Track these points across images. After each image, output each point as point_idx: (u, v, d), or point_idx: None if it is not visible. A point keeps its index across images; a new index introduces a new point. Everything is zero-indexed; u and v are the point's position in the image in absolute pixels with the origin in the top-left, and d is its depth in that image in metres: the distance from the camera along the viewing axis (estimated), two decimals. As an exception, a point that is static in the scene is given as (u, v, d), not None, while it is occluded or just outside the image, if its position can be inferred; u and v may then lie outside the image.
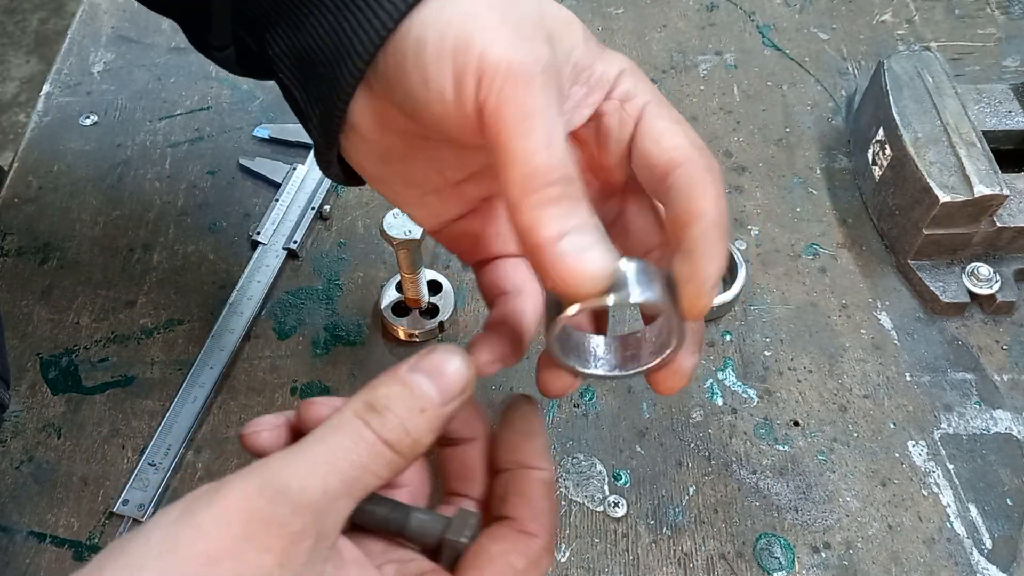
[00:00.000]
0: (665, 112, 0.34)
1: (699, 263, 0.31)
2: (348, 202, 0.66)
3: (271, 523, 0.26)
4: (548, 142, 0.29)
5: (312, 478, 0.27)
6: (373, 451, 0.28)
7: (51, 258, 0.63)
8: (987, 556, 0.49)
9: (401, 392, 0.30)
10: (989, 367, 0.57)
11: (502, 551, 0.31)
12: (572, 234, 0.28)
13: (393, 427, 0.29)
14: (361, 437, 0.28)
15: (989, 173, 0.56)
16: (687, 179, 0.32)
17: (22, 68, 2.15)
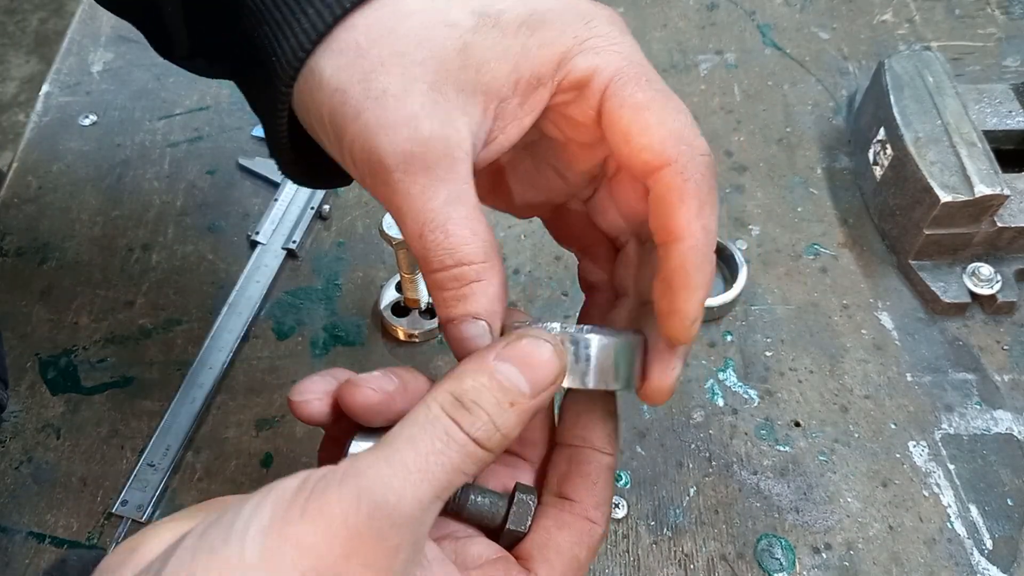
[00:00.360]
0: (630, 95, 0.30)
1: (678, 296, 0.30)
2: (347, 202, 0.66)
3: (372, 539, 0.25)
4: (419, 233, 0.29)
5: (407, 489, 0.26)
6: (464, 452, 0.27)
7: (50, 258, 0.63)
8: (988, 556, 0.49)
9: (490, 384, 0.28)
10: (990, 367, 0.57)
11: (568, 543, 0.32)
12: (456, 324, 0.30)
13: (483, 424, 0.27)
14: (452, 439, 0.27)
15: (990, 173, 0.56)
16: (663, 192, 0.29)
17: (22, 68, 2.15)
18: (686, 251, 0.29)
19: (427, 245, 0.29)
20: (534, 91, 0.30)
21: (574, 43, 0.30)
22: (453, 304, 0.30)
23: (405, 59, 0.29)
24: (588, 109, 0.31)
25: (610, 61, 0.30)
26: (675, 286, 0.29)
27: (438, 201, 0.29)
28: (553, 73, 0.30)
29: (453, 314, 0.30)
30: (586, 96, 0.31)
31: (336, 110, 0.30)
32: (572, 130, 0.33)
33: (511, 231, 0.63)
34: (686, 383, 0.56)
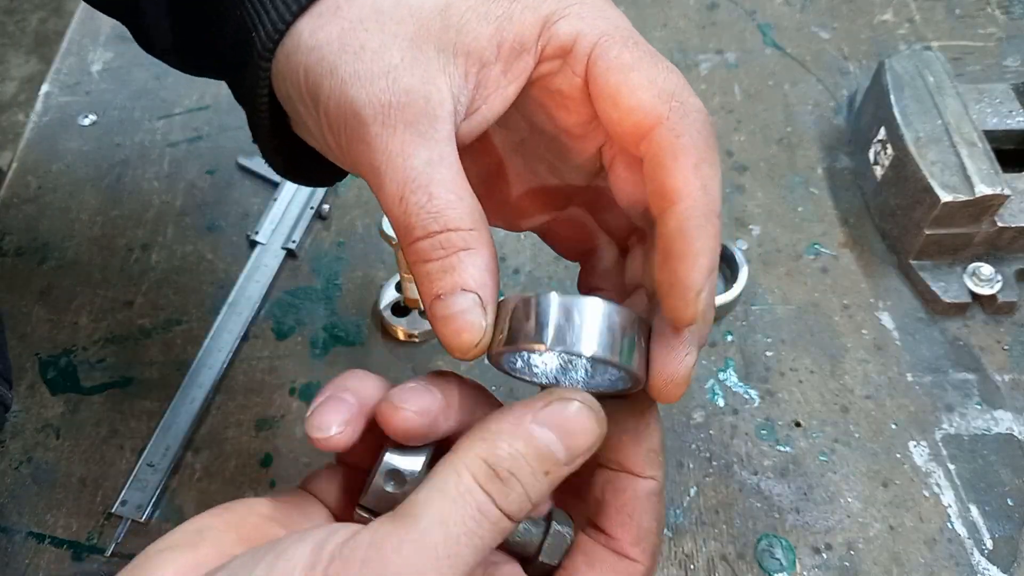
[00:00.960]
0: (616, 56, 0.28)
1: (679, 264, 0.26)
2: (347, 202, 0.66)
3: None
4: (400, 195, 0.27)
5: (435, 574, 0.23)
6: (496, 529, 0.25)
7: (50, 258, 0.63)
8: (988, 556, 0.49)
9: (527, 452, 0.26)
10: (990, 367, 0.57)
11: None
12: (445, 298, 0.27)
13: (518, 496, 0.25)
14: (485, 517, 0.25)
15: (990, 173, 0.56)
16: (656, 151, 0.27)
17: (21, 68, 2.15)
18: (683, 212, 0.26)
19: (408, 209, 0.27)
20: (517, 57, 0.28)
21: (558, 7, 0.28)
22: (439, 276, 0.27)
23: (384, 16, 0.28)
24: (574, 77, 0.29)
25: (595, 25, 0.28)
26: (674, 253, 0.26)
27: (419, 160, 0.27)
28: (536, 38, 0.28)
29: (440, 287, 0.27)
30: (571, 63, 0.29)
31: (312, 68, 0.28)
32: (561, 112, 0.31)
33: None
34: (686, 383, 0.56)
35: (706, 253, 0.26)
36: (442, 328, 0.27)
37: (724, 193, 0.65)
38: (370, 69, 0.27)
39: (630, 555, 0.28)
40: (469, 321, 0.27)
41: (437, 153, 0.27)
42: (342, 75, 0.27)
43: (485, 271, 0.27)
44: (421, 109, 0.27)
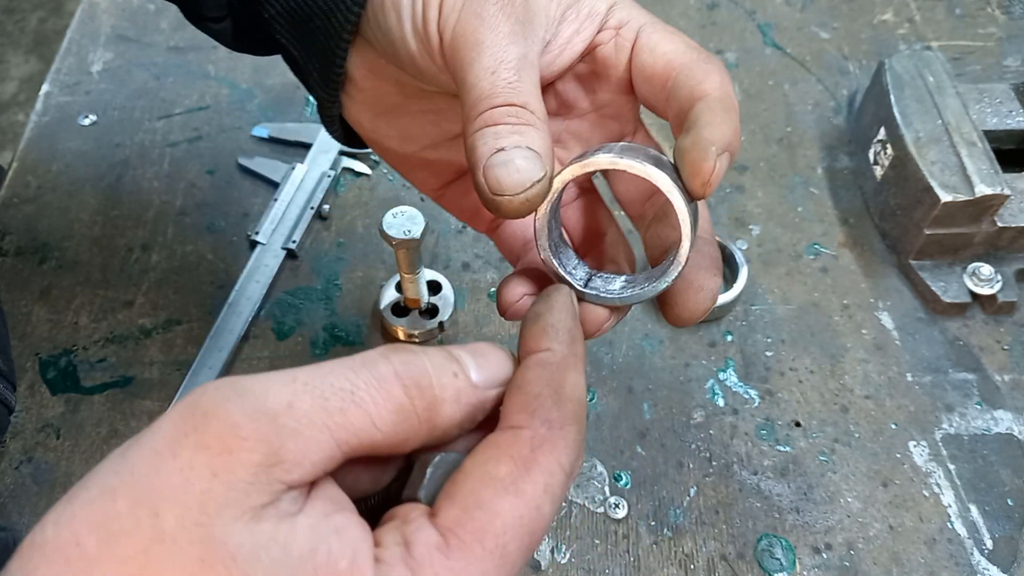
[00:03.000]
0: (660, 27, 0.33)
1: (701, 131, 0.29)
2: (347, 202, 0.66)
3: (213, 421, 0.22)
4: (494, 69, 0.29)
5: (281, 390, 0.23)
6: (374, 383, 0.24)
7: (50, 258, 0.63)
8: (988, 556, 0.49)
9: (439, 352, 0.26)
10: (990, 367, 0.57)
11: (476, 463, 0.25)
12: (508, 150, 0.28)
13: (413, 369, 0.25)
14: (364, 365, 0.24)
15: (990, 173, 0.56)
16: (687, 72, 0.31)
17: (21, 68, 2.15)
18: (709, 98, 0.30)
19: (497, 81, 0.29)
20: (588, 22, 0.33)
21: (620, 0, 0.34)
22: (507, 135, 0.28)
23: None
24: (624, 43, 0.33)
25: (641, 14, 0.34)
26: (699, 123, 0.29)
27: (518, 51, 0.30)
28: (604, 13, 0.33)
29: (506, 143, 0.28)
30: (623, 33, 0.33)
31: None
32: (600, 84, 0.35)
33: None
34: (686, 383, 0.56)
35: (727, 125, 0.29)
36: (499, 171, 0.28)
37: (724, 193, 0.65)
38: None
39: (514, 423, 0.26)
40: (530, 163, 0.28)
41: (530, 58, 0.31)
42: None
43: (549, 144, 0.29)
44: (530, 17, 0.31)
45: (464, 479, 0.24)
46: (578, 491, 0.52)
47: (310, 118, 0.71)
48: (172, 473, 0.22)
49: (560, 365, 0.27)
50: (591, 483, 0.52)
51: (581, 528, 0.50)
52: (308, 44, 0.37)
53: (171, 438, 0.23)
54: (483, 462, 0.25)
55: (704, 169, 0.29)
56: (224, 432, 0.22)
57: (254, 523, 0.22)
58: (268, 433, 0.22)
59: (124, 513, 0.22)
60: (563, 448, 0.25)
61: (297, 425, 0.23)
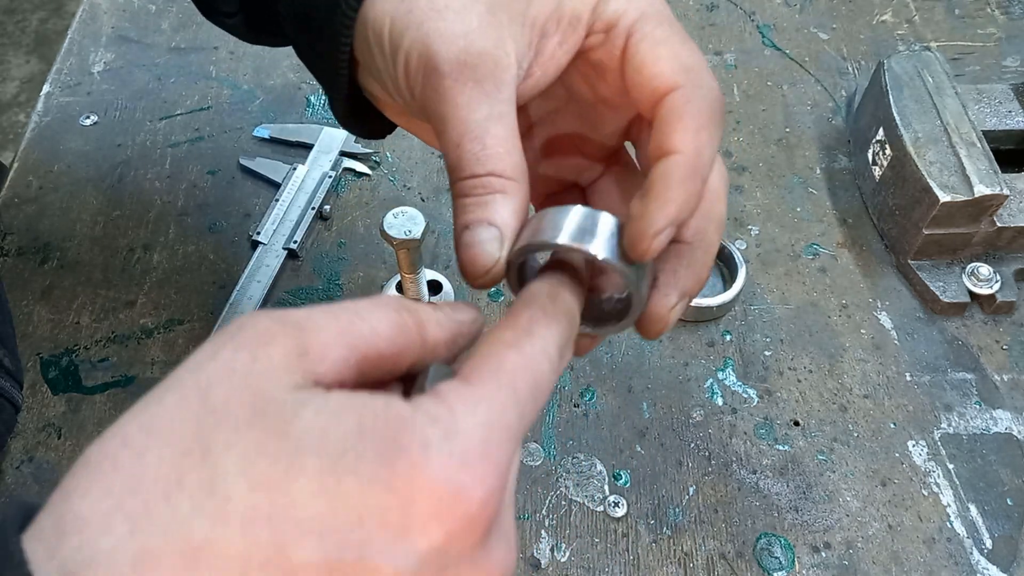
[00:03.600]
0: (651, 30, 0.32)
1: (650, 204, 0.29)
2: (348, 202, 0.66)
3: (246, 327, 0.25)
4: (457, 142, 0.31)
5: (299, 311, 0.26)
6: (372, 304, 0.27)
7: (51, 258, 0.63)
8: (987, 556, 0.49)
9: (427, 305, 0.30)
10: (989, 367, 0.57)
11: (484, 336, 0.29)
12: (472, 228, 0.31)
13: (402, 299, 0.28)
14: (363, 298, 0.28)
15: (989, 173, 0.56)
16: (664, 112, 0.31)
17: (22, 68, 2.15)
18: (674, 162, 0.30)
19: (462, 153, 0.31)
20: (572, 31, 0.33)
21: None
22: (471, 210, 0.30)
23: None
24: (614, 50, 0.32)
25: (636, 5, 0.32)
26: (651, 193, 0.29)
27: (480, 114, 0.31)
28: (589, 15, 0.32)
29: (469, 219, 0.30)
30: (612, 37, 0.32)
31: (399, 19, 0.32)
32: (600, 83, 0.35)
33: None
34: (685, 382, 0.56)
35: (677, 202, 0.29)
36: (463, 254, 0.31)
37: (724, 193, 0.66)
38: (452, 28, 0.31)
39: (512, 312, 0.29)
40: (487, 250, 0.30)
41: (497, 111, 0.31)
42: (426, 30, 0.31)
43: (513, 215, 0.31)
44: (490, 71, 0.31)
45: (478, 346, 0.28)
46: (577, 490, 0.52)
47: (311, 119, 0.71)
48: (215, 366, 0.24)
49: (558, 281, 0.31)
50: (590, 482, 0.52)
51: (580, 527, 0.50)
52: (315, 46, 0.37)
53: (210, 349, 0.25)
54: (489, 333, 0.28)
55: (640, 250, 0.30)
56: (257, 332, 0.25)
57: (295, 391, 0.24)
58: (294, 331, 0.25)
59: (170, 405, 0.24)
60: (554, 328, 0.29)
61: (317, 328, 0.26)
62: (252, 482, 0.23)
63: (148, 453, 0.23)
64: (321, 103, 0.72)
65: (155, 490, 0.22)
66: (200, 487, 0.23)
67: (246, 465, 0.23)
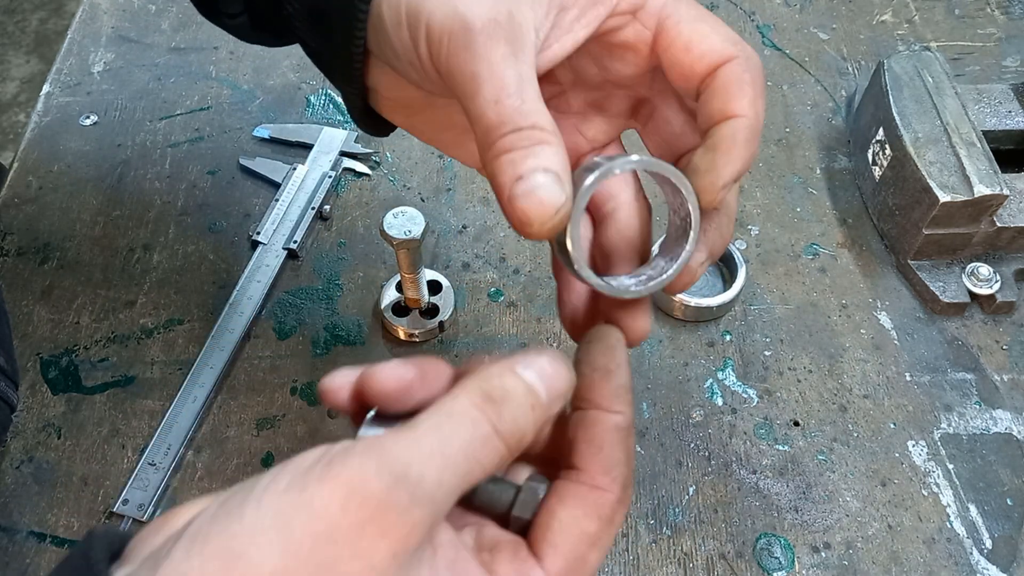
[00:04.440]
0: (685, 12, 0.33)
1: (720, 157, 0.31)
2: (348, 202, 0.66)
3: (390, 510, 0.24)
4: (496, 98, 0.30)
5: (430, 469, 0.25)
6: (488, 446, 0.27)
7: (51, 258, 0.63)
8: (987, 556, 0.49)
9: (516, 386, 0.28)
10: (989, 367, 0.57)
11: (572, 517, 0.29)
12: (526, 177, 0.30)
13: (509, 421, 0.28)
14: (478, 430, 0.27)
15: (989, 173, 0.56)
16: (723, 81, 0.32)
17: (22, 68, 2.15)
18: (740, 123, 0.31)
19: (503, 109, 0.30)
20: (592, 6, 0.32)
21: None
22: (523, 160, 0.30)
23: None
24: (644, 31, 0.33)
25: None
26: (720, 149, 0.31)
27: (514, 71, 0.30)
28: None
29: (523, 169, 0.29)
30: (641, 18, 0.33)
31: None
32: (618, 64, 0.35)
33: (511, 231, 0.63)
34: (685, 382, 0.56)
35: (743, 161, 0.31)
36: (521, 203, 0.29)
37: (723, 193, 0.66)
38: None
39: (599, 485, 0.30)
40: (551, 192, 0.29)
41: (527, 73, 0.31)
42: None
43: (564, 162, 0.30)
44: (517, 31, 0.31)
45: (564, 533, 0.29)
46: (578, 490, 0.52)
47: (311, 119, 0.71)
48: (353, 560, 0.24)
49: (630, 429, 0.31)
50: (591, 482, 0.52)
51: (581, 527, 0.50)
52: (328, 41, 0.37)
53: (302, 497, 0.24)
54: (577, 518, 0.29)
55: (713, 197, 0.32)
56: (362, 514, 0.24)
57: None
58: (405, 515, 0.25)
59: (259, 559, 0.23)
60: (626, 506, 0.31)
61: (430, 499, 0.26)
62: None
63: None
64: (321, 103, 0.72)
65: None
66: None
67: None
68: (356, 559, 0.24)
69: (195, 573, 0.23)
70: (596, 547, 0.29)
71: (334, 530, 0.23)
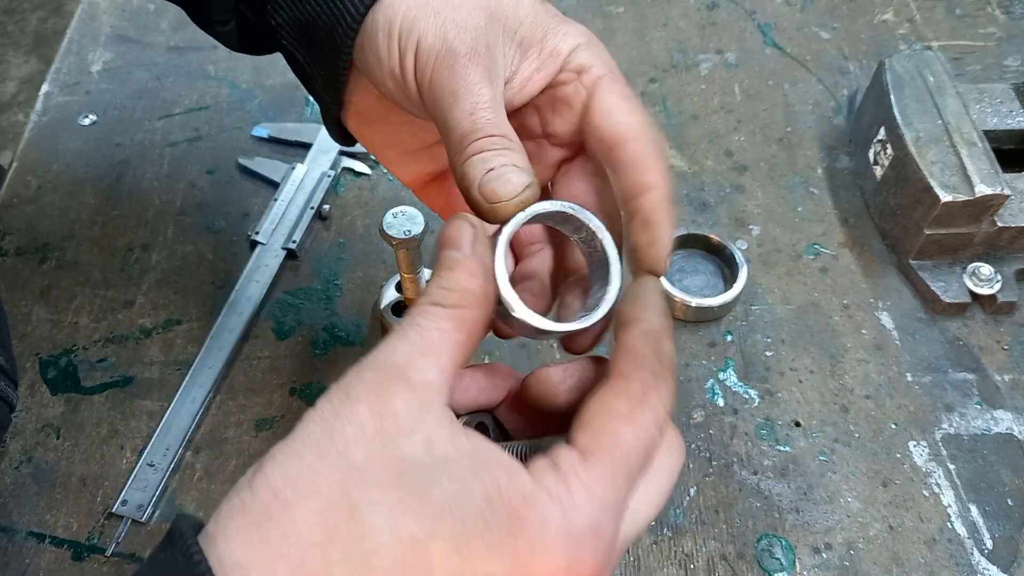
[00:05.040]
0: (617, 87, 0.37)
1: (658, 231, 0.35)
2: (347, 202, 0.66)
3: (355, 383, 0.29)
4: (471, 111, 0.34)
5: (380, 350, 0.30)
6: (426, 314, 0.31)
7: (50, 258, 0.63)
8: (988, 556, 0.49)
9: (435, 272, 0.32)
10: (990, 367, 0.57)
11: (599, 399, 0.31)
12: (496, 168, 0.34)
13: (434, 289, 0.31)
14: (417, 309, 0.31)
15: (990, 173, 0.56)
16: (636, 154, 0.36)
17: (21, 68, 2.15)
18: (660, 195, 0.36)
19: (477, 120, 0.34)
20: (550, 62, 0.37)
21: (584, 41, 0.38)
22: (492, 158, 0.34)
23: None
24: (581, 90, 0.37)
25: (603, 62, 0.37)
26: (653, 222, 0.36)
27: (489, 92, 0.35)
28: (566, 55, 0.37)
29: (493, 163, 0.34)
30: (583, 80, 0.37)
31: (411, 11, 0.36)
32: (556, 118, 0.38)
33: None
34: (686, 383, 0.56)
35: (671, 224, 0.36)
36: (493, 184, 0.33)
37: (724, 193, 0.66)
38: (466, 22, 0.36)
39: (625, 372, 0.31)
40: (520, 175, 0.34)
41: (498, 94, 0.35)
42: (443, 19, 0.36)
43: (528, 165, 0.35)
44: (493, 62, 0.36)
45: (591, 414, 0.30)
46: (578, 491, 0.52)
47: (310, 118, 0.71)
48: (344, 426, 0.27)
49: (658, 332, 0.33)
50: (591, 483, 0.52)
51: (581, 528, 0.50)
52: (314, 52, 0.40)
53: (329, 406, 0.28)
54: (605, 401, 0.30)
55: (661, 265, 0.36)
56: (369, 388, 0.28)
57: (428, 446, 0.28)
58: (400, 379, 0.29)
59: (314, 463, 0.27)
60: (665, 391, 0.31)
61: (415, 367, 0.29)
62: (396, 538, 0.26)
63: (298, 507, 0.26)
64: (320, 102, 0.72)
65: (310, 542, 0.26)
66: (350, 540, 0.26)
67: (392, 523, 0.26)
68: None
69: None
70: (628, 423, 0.30)
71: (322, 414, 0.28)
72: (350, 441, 0.27)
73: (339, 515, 0.26)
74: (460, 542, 0.26)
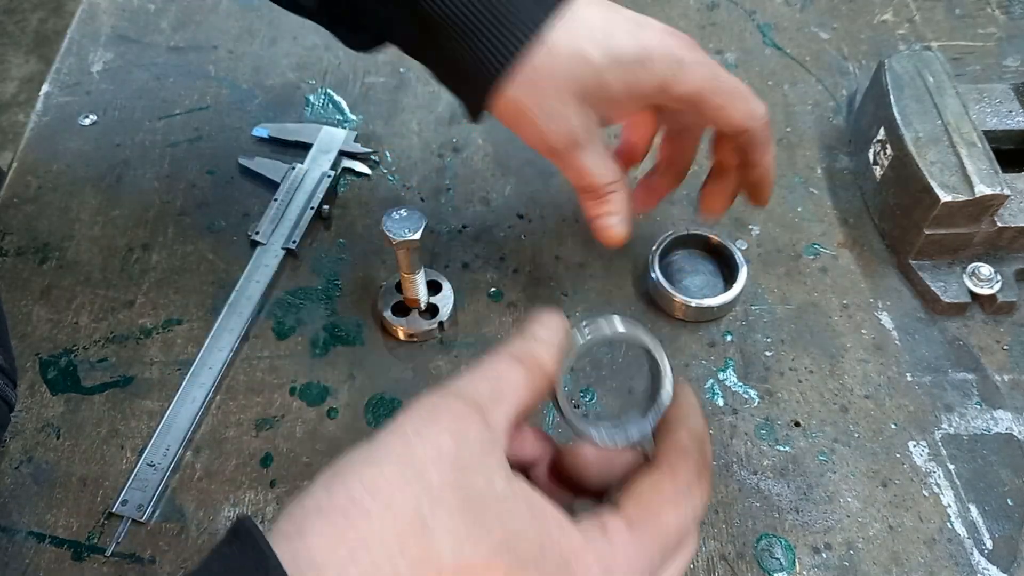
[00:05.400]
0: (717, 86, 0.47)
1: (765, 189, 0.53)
2: (347, 202, 0.66)
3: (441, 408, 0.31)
4: (578, 171, 0.48)
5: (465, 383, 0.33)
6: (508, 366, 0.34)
7: (50, 258, 0.63)
8: (988, 556, 0.49)
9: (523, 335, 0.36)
10: (990, 367, 0.57)
11: (649, 478, 0.34)
12: (603, 216, 0.49)
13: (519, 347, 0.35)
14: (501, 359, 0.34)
15: (990, 173, 0.56)
16: (753, 138, 0.49)
17: (21, 68, 2.15)
18: (768, 167, 0.51)
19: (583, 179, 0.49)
20: (638, 99, 0.47)
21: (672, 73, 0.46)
22: (597, 207, 0.49)
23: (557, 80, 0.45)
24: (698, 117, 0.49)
25: (702, 76, 0.46)
26: (765, 183, 0.52)
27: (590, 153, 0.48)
28: (656, 93, 0.46)
29: (599, 211, 0.49)
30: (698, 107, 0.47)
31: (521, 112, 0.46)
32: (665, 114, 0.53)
33: (511, 231, 0.63)
34: (686, 383, 0.56)
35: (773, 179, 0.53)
36: (601, 234, 0.50)
37: (724, 193, 0.66)
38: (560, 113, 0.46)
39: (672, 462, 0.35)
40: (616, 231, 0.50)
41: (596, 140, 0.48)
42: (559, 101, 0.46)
43: (627, 201, 0.50)
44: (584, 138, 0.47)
45: (641, 490, 0.34)
46: (578, 491, 0.52)
47: (310, 118, 0.71)
48: (424, 446, 0.30)
49: (702, 434, 0.36)
50: (591, 483, 0.52)
51: (581, 528, 0.50)
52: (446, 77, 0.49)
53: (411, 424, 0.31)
54: (654, 480, 0.34)
55: (767, 199, 0.54)
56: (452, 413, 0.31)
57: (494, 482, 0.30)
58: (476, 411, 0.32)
59: (393, 477, 0.29)
60: (706, 490, 0.35)
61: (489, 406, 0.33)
62: (459, 563, 0.28)
63: (375, 516, 0.28)
64: (320, 102, 0.72)
65: (382, 551, 0.27)
66: (419, 555, 0.28)
67: (457, 548, 0.28)
68: None
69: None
70: (673, 507, 0.33)
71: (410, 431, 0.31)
72: (427, 462, 0.29)
73: (412, 530, 0.28)
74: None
